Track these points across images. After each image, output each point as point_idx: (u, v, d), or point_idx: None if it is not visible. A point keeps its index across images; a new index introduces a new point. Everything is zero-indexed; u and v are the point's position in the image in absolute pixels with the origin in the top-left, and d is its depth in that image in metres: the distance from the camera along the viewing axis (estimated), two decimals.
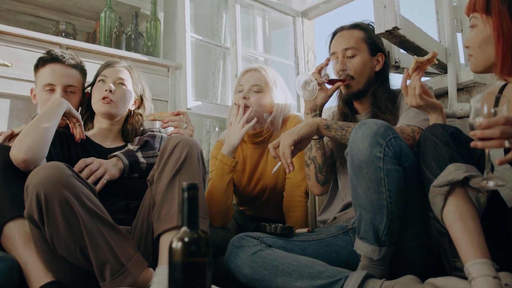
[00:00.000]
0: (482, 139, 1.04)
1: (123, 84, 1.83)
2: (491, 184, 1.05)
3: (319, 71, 1.77)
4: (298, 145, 1.57)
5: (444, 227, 1.30)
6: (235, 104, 1.94)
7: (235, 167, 1.85)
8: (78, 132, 1.74)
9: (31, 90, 1.89)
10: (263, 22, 3.16)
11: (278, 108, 1.99)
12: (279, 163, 1.58)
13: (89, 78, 1.95)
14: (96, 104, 1.80)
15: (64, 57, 1.81)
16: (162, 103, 2.75)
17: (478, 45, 1.30)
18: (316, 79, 1.71)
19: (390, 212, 1.29)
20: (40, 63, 1.82)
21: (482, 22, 1.29)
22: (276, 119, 1.99)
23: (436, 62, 1.42)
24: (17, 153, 1.47)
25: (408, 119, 1.58)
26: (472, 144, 1.07)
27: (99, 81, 1.84)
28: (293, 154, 1.56)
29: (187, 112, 1.79)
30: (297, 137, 1.53)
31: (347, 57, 1.74)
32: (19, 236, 1.43)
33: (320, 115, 1.79)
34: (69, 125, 1.76)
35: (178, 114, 1.75)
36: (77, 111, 1.81)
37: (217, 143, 2.13)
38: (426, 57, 1.40)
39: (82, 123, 1.75)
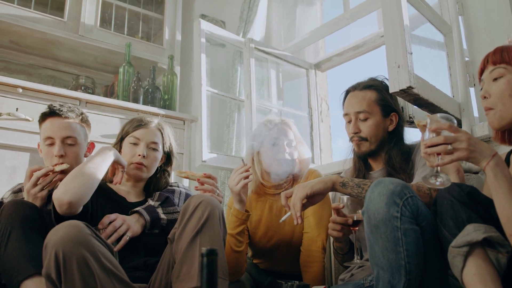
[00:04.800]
0: (430, 146, 1.22)
1: (155, 148, 1.87)
2: (438, 181, 1.23)
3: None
4: (311, 199, 1.57)
5: (464, 287, 1.28)
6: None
7: (246, 220, 1.87)
8: (119, 177, 1.77)
9: (38, 145, 1.93)
10: (277, 74, 3.22)
11: (306, 163, 2.05)
12: (289, 213, 1.59)
13: (109, 131, 1.97)
14: (128, 167, 1.82)
15: (61, 111, 1.85)
16: (178, 156, 2.78)
17: (510, 94, 1.32)
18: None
19: (408, 272, 1.27)
20: (41, 118, 1.87)
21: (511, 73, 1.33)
22: (302, 173, 2.03)
23: None
24: (63, 195, 1.50)
25: (422, 177, 1.57)
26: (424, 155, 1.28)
27: (131, 143, 1.85)
28: (305, 207, 1.57)
29: (216, 177, 1.80)
30: (309, 192, 1.53)
31: (359, 119, 1.76)
32: None
33: None
34: (113, 169, 1.79)
35: (209, 177, 1.78)
36: (80, 162, 1.83)
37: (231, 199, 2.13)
38: (424, 122, 1.40)
39: (125, 170, 1.79)
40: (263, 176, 2.01)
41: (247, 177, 1.83)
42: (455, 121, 1.23)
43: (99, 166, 1.63)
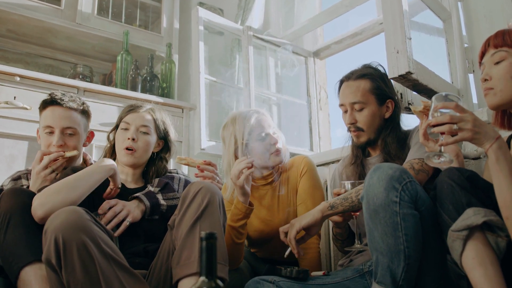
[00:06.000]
0: (435, 125, 1.21)
1: (146, 132, 1.83)
2: (441, 160, 1.23)
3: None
4: (308, 231, 1.59)
5: (463, 271, 1.28)
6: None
7: (250, 214, 1.84)
8: (111, 193, 1.71)
9: (37, 131, 1.93)
10: (275, 62, 3.20)
11: (286, 147, 2.02)
12: (290, 248, 1.62)
13: (108, 120, 1.96)
14: (120, 153, 1.81)
15: (63, 100, 1.84)
16: (177, 144, 2.78)
17: (511, 76, 1.33)
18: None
19: (407, 257, 1.27)
20: (42, 106, 1.87)
21: None
22: (286, 158, 2.00)
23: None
24: (38, 207, 1.48)
25: (411, 155, 1.58)
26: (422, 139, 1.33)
27: (122, 128, 1.83)
28: (304, 240, 1.62)
29: (216, 165, 1.79)
30: (298, 228, 1.57)
31: (355, 110, 1.75)
32: (35, 281, 1.43)
33: None
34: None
35: (209, 164, 1.76)
36: (78, 151, 1.85)
37: (225, 185, 2.11)
38: (420, 108, 1.40)
39: (115, 189, 1.72)
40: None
41: (250, 168, 1.78)
42: (461, 101, 1.22)
43: (91, 182, 1.59)
